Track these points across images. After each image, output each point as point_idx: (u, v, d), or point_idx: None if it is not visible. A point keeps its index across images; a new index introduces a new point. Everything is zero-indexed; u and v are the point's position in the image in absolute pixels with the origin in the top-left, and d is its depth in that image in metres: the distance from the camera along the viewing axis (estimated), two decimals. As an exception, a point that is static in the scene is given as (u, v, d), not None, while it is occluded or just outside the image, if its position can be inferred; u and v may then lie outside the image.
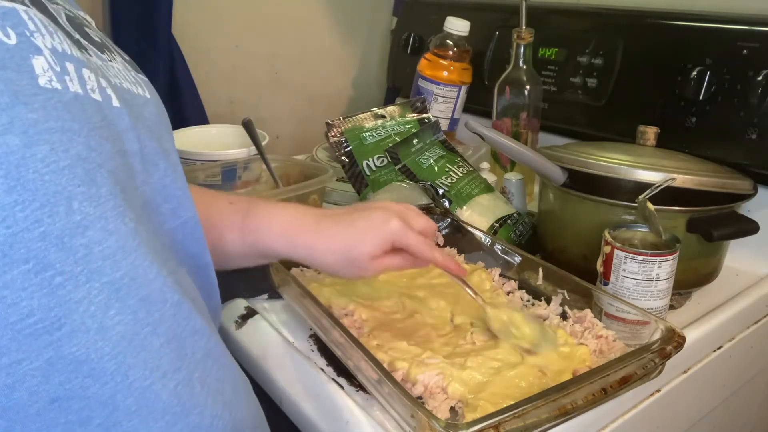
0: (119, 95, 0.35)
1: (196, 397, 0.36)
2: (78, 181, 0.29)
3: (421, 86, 1.12)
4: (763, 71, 0.76)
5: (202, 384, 0.36)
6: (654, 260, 0.61)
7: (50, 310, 0.28)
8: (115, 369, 0.31)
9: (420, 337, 0.59)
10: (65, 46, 0.31)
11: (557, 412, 0.46)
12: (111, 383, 0.30)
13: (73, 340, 0.29)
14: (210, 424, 0.36)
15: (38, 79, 0.28)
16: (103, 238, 0.30)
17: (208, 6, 1.18)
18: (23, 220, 0.27)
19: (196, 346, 0.37)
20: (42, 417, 0.29)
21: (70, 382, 0.29)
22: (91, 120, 0.31)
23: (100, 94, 0.32)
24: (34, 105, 0.28)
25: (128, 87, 0.37)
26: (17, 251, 0.27)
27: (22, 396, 0.28)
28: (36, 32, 0.30)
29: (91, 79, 0.32)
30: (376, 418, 0.53)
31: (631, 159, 0.71)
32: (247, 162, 0.93)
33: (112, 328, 0.30)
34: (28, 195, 0.27)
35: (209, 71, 1.20)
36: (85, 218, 0.29)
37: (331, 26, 1.36)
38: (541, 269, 0.67)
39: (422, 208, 0.81)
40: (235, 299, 0.70)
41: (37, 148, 0.27)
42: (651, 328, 0.56)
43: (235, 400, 0.41)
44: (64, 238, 0.28)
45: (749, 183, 0.73)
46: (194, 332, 0.36)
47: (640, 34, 0.92)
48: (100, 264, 0.30)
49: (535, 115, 0.99)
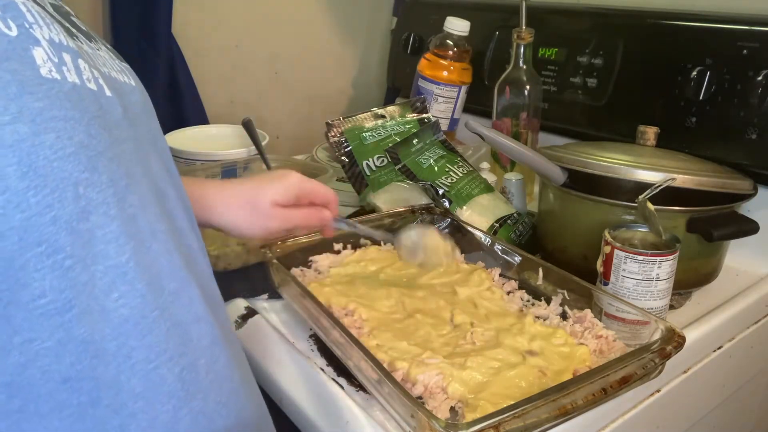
0: (110, 84, 0.35)
1: (200, 383, 0.36)
2: (82, 167, 0.30)
3: (421, 86, 1.12)
4: (763, 71, 0.76)
5: (207, 370, 0.37)
6: (654, 260, 0.61)
7: (61, 291, 0.29)
8: (116, 350, 0.31)
9: (420, 337, 0.59)
10: (61, 37, 0.32)
11: (557, 412, 0.46)
12: (113, 363, 0.31)
13: (81, 322, 0.30)
14: (214, 410, 0.37)
15: (40, 70, 0.29)
16: (105, 222, 0.31)
17: (208, 6, 1.18)
18: (36, 205, 0.28)
19: (202, 333, 0.37)
20: (54, 397, 0.29)
21: (81, 363, 0.30)
22: (89, 109, 0.31)
23: (95, 83, 0.33)
24: (39, 94, 0.29)
25: (116, 76, 0.38)
26: (31, 234, 0.28)
27: (35, 374, 0.29)
28: (34, 24, 0.30)
29: (86, 69, 0.33)
30: (376, 418, 0.53)
31: (631, 159, 0.71)
32: (247, 162, 0.93)
33: (115, 310, 0.31)
34: (39, 181, 0.28)
35: (209, 71, 1.20)
36: (89, 204, 0.30)
37: (331, 26, 1.36)
38: (541, 269, 0.67)
39: (422, 208, 0.81)
40: (235, 299, 0.70)
41: (44, 136, 0.28)
42: (651, 328, 0.56)
43: (243, 388, 0.41)
44: (72, 222, 0.29)
45: (749, 183, 0.73)
46: (198, 319, 0.37)
47: (640, 34, 0.92)
48: (103, 248, 0.31)
49: (535, 115, 0.99)
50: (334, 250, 0.74)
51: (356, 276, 0.70)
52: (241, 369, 0.43)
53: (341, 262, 0.73)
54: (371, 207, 0.88)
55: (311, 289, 0.65)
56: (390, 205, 0.86)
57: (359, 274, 0.71)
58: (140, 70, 1.24)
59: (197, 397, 0.36)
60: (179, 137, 1.00)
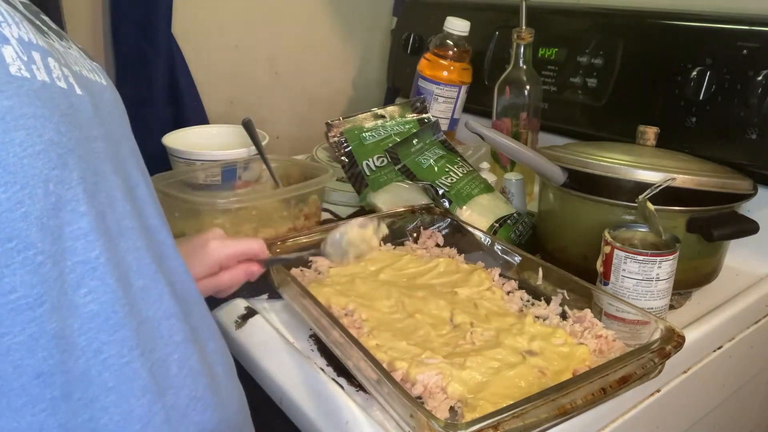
0: (81, 83, 0.35)
1: (172, 379, 0.37)
2: (52, 164, 0.30)
3: (421, 86, 1.12)
4: (763, 71, 0.76)
5: (181, 366, 0.38)
6: (654, 260, 0.61)
7: (32, 287, 0.29)
8: (86, 344, 0.32)
9: (420, 337, 0.59)
10: (30, 35, 0.32)
11: (556, 412, 0.46)
12: (83, 358, 0.31)
13: (53, 317, 0.30)
14: (186, 405, 0.38)
15: (9, 68, 0.29)
16: (75, 219, 0.32)
17: (208, 6, 1.18)
18: (6, 201, 0.28)
19: (174, 329, 0.38)
20: (27, 392, 0.29)
21: (53, 358, 0.30)
22: (59, 107, 0.32)
23: (65, 82, 0.33)
24: (9, 92, 0.29)
25: (87, 74, 0.38)
26: (2, 230, 0.28)
27: (7, 369, 0.29)
28: (3, 22, 0.30)
29: (56, 67, 0.33)
30: (375, 418, 0.53)
31: (631, 159, 0.71)
32: (247, 162, 0.93)
33: (84, 306, 0.32)
34: (9, 177, 0.28)
35: (209, 71, 1.20)
36: (59, 200, 0.31)
37: (331, 26, 1.36)
38: (541, 269, 0.67)
39: (422, 208, 0.81)
40: (235, 299, 0.70)
41: (14, 133, 0.29)
42: (651, 328, 0.56)
43: (223, 382, 0.42)
44: (43, 218, 0.30)
45: (749, 183, 0.73)
46: (170, 315, 0.38)
47: (640, 34, 0.92)
48: (72, 244, 0.31)
49: (535, 115, 0.99)
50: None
51: (356, 276, 0.70)
52: (224, 364, 0.43)
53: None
54: (371, 207, 0.88)
55: (311, 289, 0.65)
56: (390, 205, 0.86)
57: (359, 274, 0.71)
58: (140, 70, 1.24)
59: (169, 392, 0.36)
60: (179, 137, 1.00)
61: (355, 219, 0.65)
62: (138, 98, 1.08)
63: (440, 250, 0.77)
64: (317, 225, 0.86)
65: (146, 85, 1.08)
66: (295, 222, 0.84)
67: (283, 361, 0.61)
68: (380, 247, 0.77)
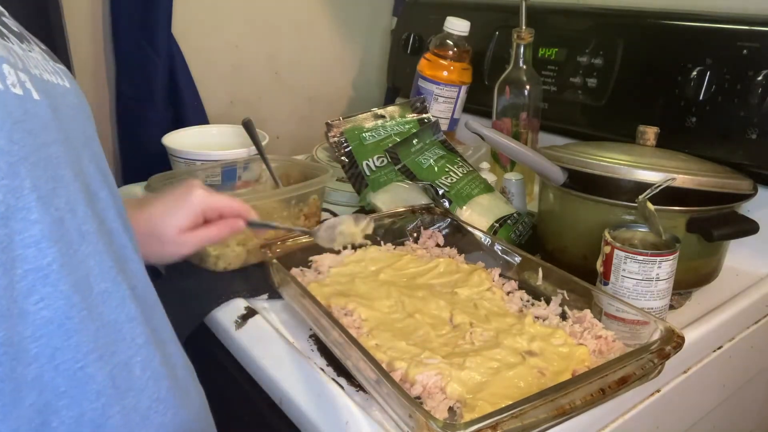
0: (39, 87, 0.35)
1: (134, 381, 0.37)
2: (2, 174, 0.30)
3: (421, 86, 1.12)
4: (763, 71, 0.76)
5: (144, 368, 0.38)
6: (654, 260, 0.61)
7: None
8: (38, 351, 0.32)
9: (419, 337, 0.59)
10: None
11: (555, 413, 0.46)
12: (35, 365, 0.31)
13: (1, 325, 0.30)
14: (148, 407, 0.38)
15: None
16: (25, 227, 0.31)
17: (208, 6, 1.18)
18: None
19: (136, 332, 0.38)
20: None
21: (2, 366, 0.30)
22: (13, 114, 0.32)
23: (21, 88, 0.33)
24: None
25: (48, 78, 0.38)
26: None
27: None
28: None
29: (11, 74, 0.33)
30: (375, 418, 0.53)
31: (631, 159, 0.71)
32: (247, 162, 0.93)
33: (36, 313, 0.32)
34: None
35: (209, 71, 1.20)
36: (8, 209, 0.30)
37: (331, 26, 1.36)
38: (541, 269, 0.67)
39: (422, 208, 0.81)
40: (235, 299, 0.70)
41: None
42: (650, 329, 0.56)
43: (185, 385, 0.42)
44: None
45: (749, 183, 0.73)
46: (132, 318, 0.38)
47: (640, 34, 0.92)
48: (21, 252, 0.31)
49: (535, 115, 0.99)
50: (335, 250, 0.74)
51: (356, 276, 0.70)
52: (184, 367, 0.43)
53: (341, 261, 0.73)
54: (371, 207, 0.88)
55: (311, 289, 0.65)
56: (390, 205, 0.86)
57: (359, 273, 0.71)
58: (140, 70, 1.24)
59: (129, 394, 0.36)
60: (179, 137, 1.00)
61: (351, 214, 0.67)
62: (138, 98, 1.08)
63: (440, 250, 0.77)
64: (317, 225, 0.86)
65: (146, 85, 1.08)
66: (295, 222, 0.84)
67: (283, 361, 0.61)
68: (380, 247, 0.77)
